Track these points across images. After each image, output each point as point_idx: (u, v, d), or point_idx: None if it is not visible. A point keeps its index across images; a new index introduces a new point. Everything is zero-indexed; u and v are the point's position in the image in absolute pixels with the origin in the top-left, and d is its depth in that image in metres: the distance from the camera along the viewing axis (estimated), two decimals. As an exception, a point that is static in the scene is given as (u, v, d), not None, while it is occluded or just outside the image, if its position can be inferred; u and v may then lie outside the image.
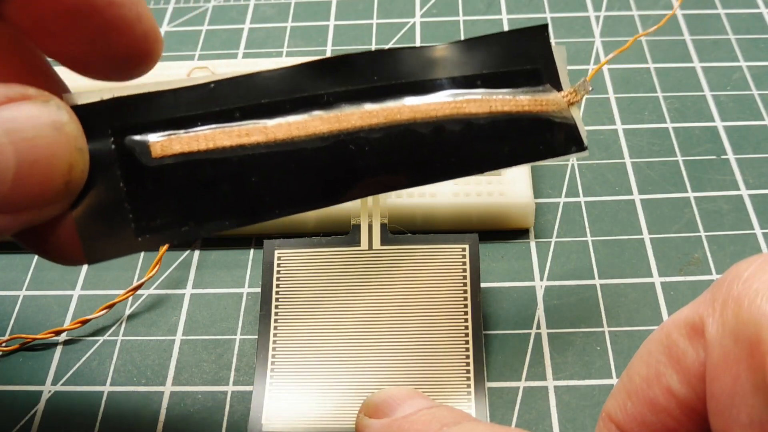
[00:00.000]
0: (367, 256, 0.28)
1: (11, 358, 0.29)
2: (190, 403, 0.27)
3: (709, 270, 0.30)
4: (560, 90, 0.24)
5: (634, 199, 0.32)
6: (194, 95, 0.20)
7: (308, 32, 0.41)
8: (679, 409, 0.17)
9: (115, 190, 0.19)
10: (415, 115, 0.22)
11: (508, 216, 0.31)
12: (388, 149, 0.22)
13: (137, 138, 0.19)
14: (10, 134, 0.17)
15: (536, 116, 0.23)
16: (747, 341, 0.15)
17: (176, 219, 0.20)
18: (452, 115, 0.22)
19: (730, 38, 0.39)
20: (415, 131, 0.22)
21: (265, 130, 0.20)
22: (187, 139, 0.19)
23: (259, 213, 0.20)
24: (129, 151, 0.19)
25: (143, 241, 0.19)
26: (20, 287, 0.31)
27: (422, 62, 0.22)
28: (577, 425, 0.26)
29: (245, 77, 0.20)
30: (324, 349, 0.27)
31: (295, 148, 0.20)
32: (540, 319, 0.28)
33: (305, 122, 0.21)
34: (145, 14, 0.19)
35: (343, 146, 0.21)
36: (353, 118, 0.21)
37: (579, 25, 0.40)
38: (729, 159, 0.33)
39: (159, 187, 0.19)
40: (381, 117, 0.21)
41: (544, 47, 0.24)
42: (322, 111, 0.21)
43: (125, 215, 0.19)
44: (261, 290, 0.28)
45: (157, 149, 0.19)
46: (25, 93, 0.17)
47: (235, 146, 0.20)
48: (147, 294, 0.30)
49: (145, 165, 0.19)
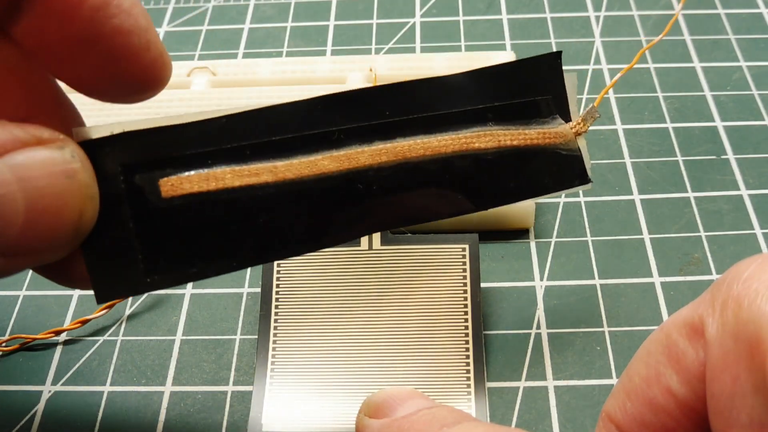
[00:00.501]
0: (367, 256, 0.28)
1: (11, 358, 0.29)
2: (190, 403, 0.27)
3: (709, 270, 0.30)
4: (568, 119, 0.24)
5: (634, 199, 0.32)
6: (205, 130, 0.20)
7: (308, 32, 0.41)
8: (678, 409, 0.17)
9: (125, 229, 0.19)
10: (425, 151, 0.22)
11: (508, 216, 0.31)
12: (396, 187, 0.21)
13: (147, 176, 0.19)
14: (22, 182, 0.16)
15: (543, 149, 0.23)
16: (747, 341, 0.15)
17: (185, 260, 0.20)
18: (461, 151, 0.22)
19: (730, 38, 0.39)
20: (424, 168, 0.22)
21: (275, 169, 0.20)
22: (197, 179, 0.19)
23: (267, 254, 0.20)
24: (139, 190, 0.19)
25: (152, 282, 0.19)
26: (20, 287, 0.31)
27: (434, 94, 0.22)
28: (577, 425, 0.26)
29: (257, 111, 0.20)
30: (324, 349, 0.27)
31: (303, 188, 0.20)
32: (540, 319, 0.28)
33: (315, 161, 0.21)
34: (153, 41, 0.19)
35: (352, 185, 0.21)
36: (363, 157, 0.21)
37: (579, 25, 0.40)
38: (729, 159, 0.33)
39: (168, 227, 0.19)
40: (391, 155, 0.21)
41: (556, 75, 0.24)
42: (332, 149, 0.21)
43: (134, 255, 0.19)
44: (261, 290, 0.28)
45: (167, 189, 0.19)
46: (40, 137, 0.17)
47: (244, 186, 0.20)
48: (147, 294, 0.30)
49: (155, 204, 0.19)
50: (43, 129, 0.17)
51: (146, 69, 0.19)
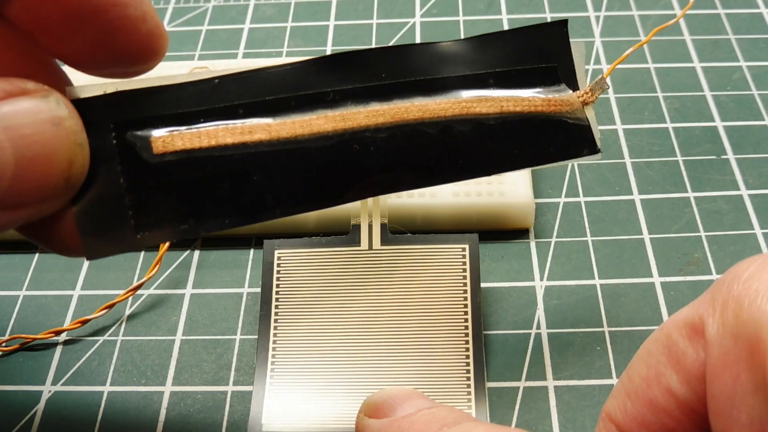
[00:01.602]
0: (367, 256, 0.28)
1: (11, 358, 0.29)
2: (190, 403, 0.27)
3: (709, 270, 0.30)
4: (576, 88, 0.24)
5: (634, 199, 0.32)
6: (198, 90, 0.20)
7: (308, 32, 0.41)
8: (678, 409, 0.17)
9: (116, 185, 0.19)
10: (423, 114, 0.21)
11: (508, 216, 0.31)
12: (394, 150, 0.21)
13: (139, 133, 0.19)
14: (9, 131, 0.16)
15: (548, 117, 0.23)
16: (747, 341, 0.15)
17: (176, 216, 0.19)
18: (461, 115, 0.22)
19: (730, 38, 0.39)
20: (423, 131, 0.21)
21: (269, 128, 0.20)
22: (190, 136, 0.19)
23: (260, 213, 0.20)
24: (130, 147, 0.19)
25: (142, 238, 0.19)
26: (20, 287, 0.31)
27: (433, 59, 0.22)
28: (577, 425, 0.26)
29: (250, 72, 0.20)
30: (324, 349, 0.27)
31: (298, 147, 0.20)
32: (540, 319, 0.28)
33: (309, 121, 0.20)
34: (149, 12, 0.19)
35: (348, 146, 0.21)
36: (359, 117, 0.21)
37: (579, 25, 0.40)
38: (729, 159, 0.33)
39: (160, 183, 0.19)
40: (388, 116, 0.21)
41: (562, 43, 0.23)
42: (327, 109, 0.21)
43: (125, 211, 0.19)
44: (261, 290, 0.28)
45: (158, 146, 0.19)
46: (24, 87, 0.17)
47: (237, 144, 0.20)
48: (147, 294, 0.30)
49: (147, 161, 0.19)
50: (27, 81, 0.17)
51: (143, 40, 0.19)
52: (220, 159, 0.20)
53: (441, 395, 0.25)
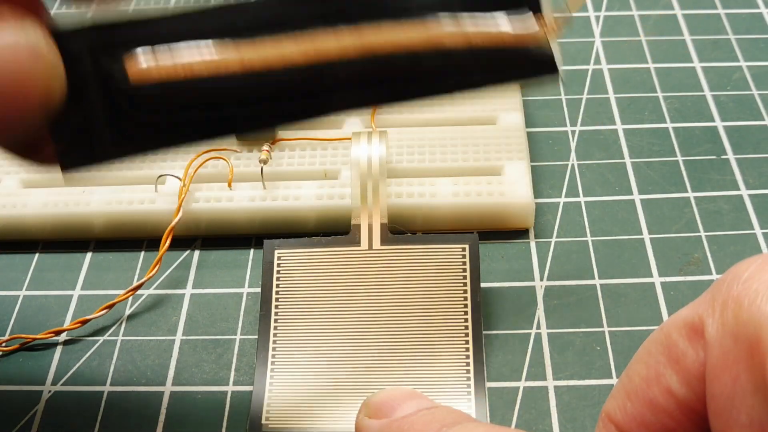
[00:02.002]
0: (367, 256, 0.28)
1: (11, 358, 0.29)
2: (190, 403, 0.27)
3: (709, 270, 0.30)
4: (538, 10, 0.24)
5: (634, 199, 0.32)
6: (175, 22, 0.21)
7: None
8: (678, 409, 0.17)
9: (93, 112, 0.20)
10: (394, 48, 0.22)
11: (508, 216, 0.31)
12: (362, 71, 0.22)
13: (116, 63, 0.20)
14: None
15: (514, 48, 0.23)
16: (747, 341, 0.15)
17: (152, 138, 0.21)
18: (431, 48, 0.22)
19: (730, 38, 0.39)
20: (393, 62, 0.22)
21: (240, 56, 0.21)
22: (165, 68, 0.20)
23: (234, 131, 0.22)
24: (107, 74, 0.20)
25: (117, 153, 0.20)
26: (20, 287, 0.31)
27: None
28: (577, 425, 0.26)
29: (225, 8, 0.21)
30: (324, 349, 0.27)
31: (270, 76, 0.21)
32: (540, 319, 0.28)
33: (279, 43, 0.21)
34: None
35: (318, 73, 0.21)
36: (329, 46, 0.21)
37: (579, 25, 0.40)
38: (729, 159, 0.33)
39: (136, 109, 0.20)
40: (358, 46, 0.22)
41: None
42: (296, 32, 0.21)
43: (103, 135, 0.20)
44: (261, 290, 0.28)
45: (135, 75, 0.20)
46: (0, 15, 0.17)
47: (211, 74, 0.20)
48: (147, 294, 0.30)
49: (123, 89, 0.20)
50: (2, 7, 0.17)
51: None
52: (195, 88, 0.20)
53: (441, 395, 0.25)
